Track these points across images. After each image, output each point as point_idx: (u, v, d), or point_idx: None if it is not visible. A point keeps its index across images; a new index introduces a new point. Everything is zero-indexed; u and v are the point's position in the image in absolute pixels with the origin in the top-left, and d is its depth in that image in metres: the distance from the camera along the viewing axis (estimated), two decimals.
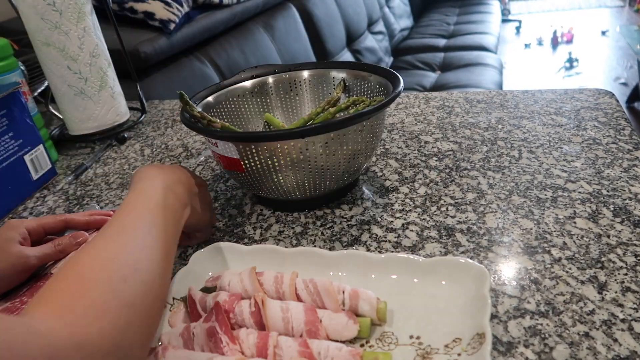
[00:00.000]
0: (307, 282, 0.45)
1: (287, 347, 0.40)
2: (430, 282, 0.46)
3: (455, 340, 0.40)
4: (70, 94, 0.87)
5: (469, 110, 0.85)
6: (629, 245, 0.49)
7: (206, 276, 0.51)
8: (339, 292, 0.44)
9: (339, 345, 0.40)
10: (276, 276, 0.46)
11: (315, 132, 0.52)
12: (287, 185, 0.57)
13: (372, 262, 0.48)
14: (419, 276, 0.47)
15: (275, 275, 0.46)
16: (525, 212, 0.57)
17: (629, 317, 0.42)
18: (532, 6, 5.76)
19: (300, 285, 0.45)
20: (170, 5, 1.38)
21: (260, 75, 0.73)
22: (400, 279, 0.47)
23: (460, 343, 0.40)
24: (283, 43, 1.92)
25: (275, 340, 0.40)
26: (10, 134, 0.73)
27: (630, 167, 0.63)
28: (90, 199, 0.74)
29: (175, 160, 0.82)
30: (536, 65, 3.98)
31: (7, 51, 0.80)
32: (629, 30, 3.40)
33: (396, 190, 0.64)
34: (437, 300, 0.44)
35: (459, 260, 0.46)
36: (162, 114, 1.04)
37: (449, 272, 0.46)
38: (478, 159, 0.69)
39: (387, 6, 3.14)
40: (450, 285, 0.45)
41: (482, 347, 0.37)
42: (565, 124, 0.75)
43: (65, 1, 0.80)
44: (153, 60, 1.31)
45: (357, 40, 2.53)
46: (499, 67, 2.43)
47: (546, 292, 0.45)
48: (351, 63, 0.71)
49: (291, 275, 0.46)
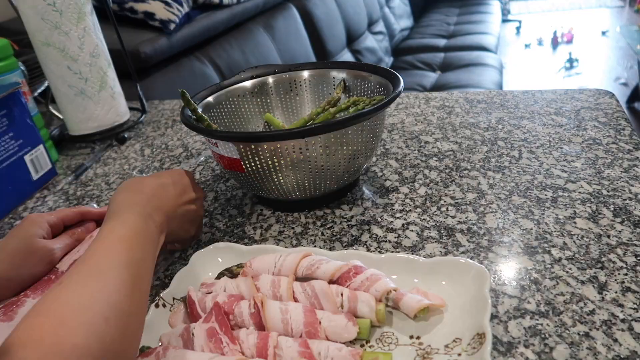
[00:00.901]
0: (304, 286, 0.45)
1: (287, 348, 0.40)
2: (431, 282, 0.46)
3: (456, 341, 0.40)
4: (71, 94, 0.87)
5: (469, 111, 0.85)
6: (629, 246, 0.49)
7: (206, 275, 0.51)
8: (337, 294, 0.44)
9: (338, 345, 0.40)
10: (273, 280, 0.46)
11: (315, 132, 0.52)
12: (288, 186, 0.57)
13: (372, 262, 0.48)
14: (419, 276, 0.47)
15: (272, 279, 0.46)
16: (525, 212, 0.57)
17: (629, 317, 0.42)
18: (532, 6, 5.76)
19: (298, 289, 0.45)
20: (170, 5, 1.38)
21: (260, 75, 0.73)
22: (400, 279, 0.47)
23: (461, 343, 0.40)
24: (283, 43, 1.92)
25: (275, 341, 0.40)
26: (11, 134, 0.73)
27: (631, 167, 0.63)
28: (90, 199, 0.74)
29: (175, 161, 0.82)
30: (536, 65, 3.98)
31: (7, 51, 0.80)
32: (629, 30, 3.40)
33: (396, 190, 0.64)
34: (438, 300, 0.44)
35: (459, 261, 0.46)
36: (162, 114, 1.04)
37: (449, 272, 0.46)
38: (478, 159, 0.69)
39: (387, 6, 3.14)
40: (451, 286, 0.45)
41: (482, 347, 0.37)
42: (566, 124, 0.75)
43: (66, 1, 0.80)
44: (153, 60, 1.31)
45: (357, 41, 2.53)
46: (499, 67, 2.43)
47: (546, 292, 0.45)
48: (351, 63, 0.71)
49: (289, 279, 0.46)
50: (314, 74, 0.72)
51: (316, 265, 0.47)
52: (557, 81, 3.59)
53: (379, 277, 0.45)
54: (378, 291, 0.44)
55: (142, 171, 0.80)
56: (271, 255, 0.50)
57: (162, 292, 0.48)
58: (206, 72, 1.52)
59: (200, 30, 1.51)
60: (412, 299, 0.42)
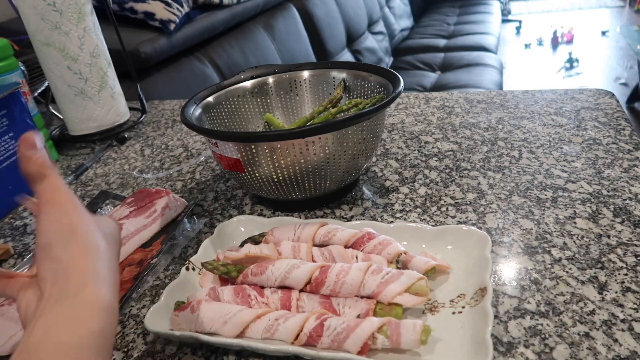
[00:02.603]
0: (322, 250, 0.50)
1: (309, 300, 0.44)
2: (437, 247, 0.50)
3: (460, 296, 0.45)
4: (71, 94, 0.87)
5: (469, 111, 0.85)
6: (629, 246, 0.49)
7: (230, 244, 0.56)
8: (352, 257, 0.48)
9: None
10: (293, 246, 0.50)
11: (316, 132, 0.52)
12: (287, 185, 0.57)
13: (384, 230, 0.52)
14: (426, 242, 0.51)
15: (293, 245, 0.50)
16: (525, 212, 0.56)
17: (629, 317, 0.42)
18: (532, 6, 5.76)
19: (316, 252, 0.50)
20: (171, 5, 1.38)
21: (260, 75, 0.73)
22: (409, 245, 0.51)
23: (464, 298, 0.44)
24: (283, 43, 1.92)
25: (297, 294, 0.45)
26: (11, 134, 0.73)
27: (631, 167, 0.63)
28: (90, 199, 0.74)
29: (175, 161, 0.82)
30: (536, 65, 3.98)
31: (7, 51, 0.80)
32: (629, 30, 3.40)
33: (396, 190, 0.64)
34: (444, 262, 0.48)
35: (462, 228, 0.50)
36: (162, 114, 1.04)
37: (453, 239, 0.50)
38: (478, 159, 0.69)
39: (387, 6, 3.14)
40: (455, 250, 0.49)
41: (483, 300, 0.41)
42: (566, 124, 0.75)
43: (66, 1, 0.80)
44: (153, 60, 1.31)
45: (357, 41, 2.53)
46: (499, 68, 2.43)
47: (546, 292, 0.45)
48: (351, 63, 0.71)
49: (308, 244, 0.50)
50: (314, 74, 0.72)
51: (332, 232, 0.51)
52: (557, 81, 3.59)
53: (390, 242, 0.49)
54: (390, 254, 0.48)
55: (142, 171, 0.80)
56: (291, 225, 0.54)
57: (191, 257, 0.52)
58: (206, 72, 1.52)
59: (200, 30, 1.51)
60: (420, 260, 0.46)
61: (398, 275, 0.43)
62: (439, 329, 0.41)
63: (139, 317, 0.49)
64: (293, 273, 0.45)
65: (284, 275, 0.45)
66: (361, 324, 0.39)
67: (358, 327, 0.39)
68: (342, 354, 0.38)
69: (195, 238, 0.60)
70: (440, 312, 0.43)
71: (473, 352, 0.38)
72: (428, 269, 0.46)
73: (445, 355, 0.39)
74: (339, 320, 0.40)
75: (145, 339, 0.46)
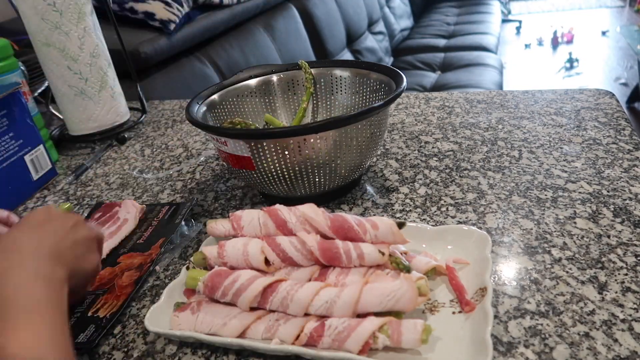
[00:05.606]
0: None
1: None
2: (437, 247, 0.50)
3: None
4: (71, 94, 0.87)
5: (469, 111, 0.85)
6: (629, 246, 0.49)
7: None
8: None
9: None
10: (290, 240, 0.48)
11: (328, 128, 0.53)
12: (294, 182, 0.57)
13: None
14: (427, 242, 0.51)
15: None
16: (525, 212, 0.57)
17: (629, 317, 0.42)
18: (532, 6, 5.76)
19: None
20: (171, 5, 1.38)
21: (259, 75, 0.73)
22: (409, 245, 0.50)
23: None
24: (283, 43, 1.92)
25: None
26: (11, 134, 0.73)
27: (631, 167, 0.63)
28: (90, 199, 0.74)
29: (175, 161, 0.82)
30: (536, 65, 3.98)
31: (7, 51, 0.80)
32: (629, 30, 3.40)
33: (396, 190, 0.64)
34: (443, 263, 0.48)
35: (462, 228, 0.51)
36: (162, 114, 1.04)
37: (453, 239, 0.50)
38: (478, 159, 0.69)
39: (388, 6, 3.14)
40: (455, 250, 0.50)
41: (483, 299, 0.42)
42: (566, 124, 0.75)
43: (66, 1, 0.80)
44: (153, 60, 1.31)
45: (357, 41, 2.52)
46: (499, 68, 2.43)
47: (546, 292, 0.45)
48: (353, 61, 0.72)
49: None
50: (316, 72, 0.73)
51: None
52: (557, 81, 3.59)
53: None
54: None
55: (142, 171, 0.80)
56: None
57: (191, 257, 0.51)
58: (206, 72, 1.52)
59: (200, 30, 1.51)
60: (421, 260, 0.47)
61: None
62: (439, 329, 0.41)
63: (139, 317, 0.49)
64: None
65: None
66: (362, 323, 0.39)
67: (359, 326, 0.39)
68: (343, 353, 0.39)
69: (195, 238, 0.60)
70: (440, 312, 0.44)
71: (473, 351, 0.38)
72: (428, 269, 0.46)
73: (446, 355, 0.39)
74: (339, 320, 0.40)
75: (145, 339, 0.46)
